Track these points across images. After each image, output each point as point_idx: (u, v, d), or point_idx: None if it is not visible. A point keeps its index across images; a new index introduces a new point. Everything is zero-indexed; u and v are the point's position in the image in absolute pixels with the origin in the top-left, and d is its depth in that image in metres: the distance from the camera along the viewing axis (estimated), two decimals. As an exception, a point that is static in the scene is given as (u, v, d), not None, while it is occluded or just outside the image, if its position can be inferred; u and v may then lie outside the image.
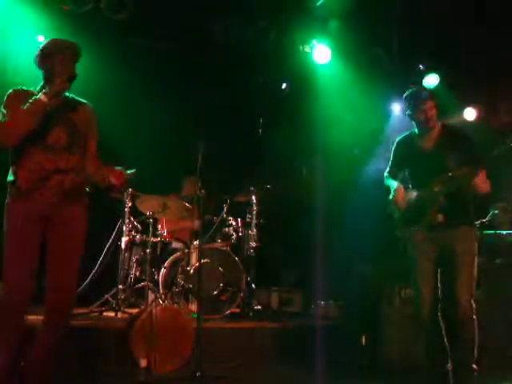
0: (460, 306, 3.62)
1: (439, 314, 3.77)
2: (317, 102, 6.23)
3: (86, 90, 5.96)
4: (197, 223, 5.92)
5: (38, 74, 3.45)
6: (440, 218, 3.76)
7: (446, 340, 3.73)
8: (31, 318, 4.53)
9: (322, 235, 5.65)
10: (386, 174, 4.19)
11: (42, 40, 5.84)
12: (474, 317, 3.65)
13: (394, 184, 4.04)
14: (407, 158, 3.99)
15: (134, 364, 3.97)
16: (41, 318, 3.46)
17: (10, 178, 3.29)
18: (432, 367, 3.75)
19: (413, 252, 3.87)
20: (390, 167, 4.16)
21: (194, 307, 5.19)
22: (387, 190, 4.13)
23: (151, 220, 5.27)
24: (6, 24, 5.51)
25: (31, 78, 5.70)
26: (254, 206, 5.72)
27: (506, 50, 5.70)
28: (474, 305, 3.66)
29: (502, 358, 4.57)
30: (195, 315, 5.06)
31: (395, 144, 4.13)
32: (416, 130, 3.98)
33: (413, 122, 3.97)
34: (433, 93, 4.04)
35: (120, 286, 5.14)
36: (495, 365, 4.41)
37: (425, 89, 4.10)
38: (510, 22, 5.52)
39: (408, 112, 3.95)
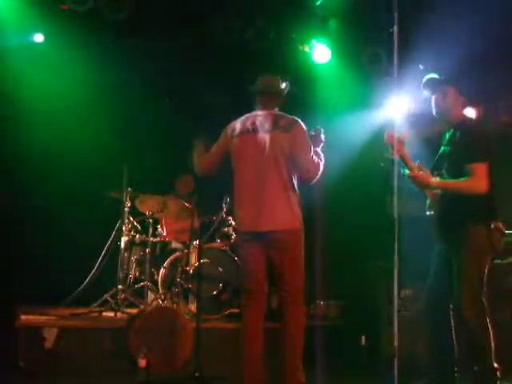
0: (461, 304, 3.55)
1: (451, 312, 3.69)
2: (316, 101, 6.22)
3: (86, 89, 6.02)
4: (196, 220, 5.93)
5: (34, 71, 3.38)
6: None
7: (455, 339, 3.68)
8: (31, 318, 4.54)
9: (321, 235, 5.63)
10: None
11: (40, 39, 5.85)
12: (486, 318, 3.56)
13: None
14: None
15: (134, 364, 3.96)
16: (42, 318, 3.45)
17: None
18: (439, 367, 3.71)
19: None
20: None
21: (193, 307, 5.18)
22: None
23: (150, 220, 5.27)
24: (3, 22, 5.49)
25: (29, 76, 5.75)
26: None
27: (506, 49, 5.69)
28: (484, 304, 3.57)
29: (501, 358, 4.56)
30: (193, 315, 5.06)
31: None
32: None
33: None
34: (440, 82, 3.86)
35: (119, 286, 5.14)
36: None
37: (431, 79, 3.94)
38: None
39: (432, 98, 3.84)
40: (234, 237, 5.46)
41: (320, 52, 6.49)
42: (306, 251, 3.77)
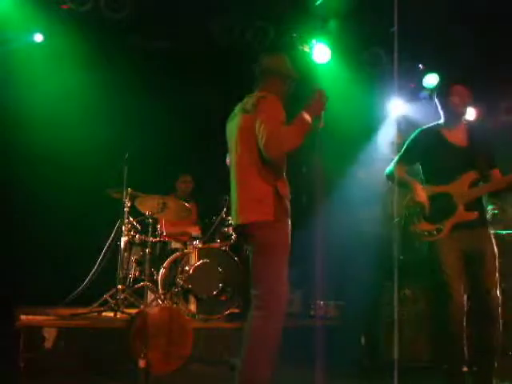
0: (490, 296, 3.60)
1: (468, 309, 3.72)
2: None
3: (86, 89, 6.02)
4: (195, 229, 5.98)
5: (34, 71, 3.34)
6: (473, 215, 3.67)
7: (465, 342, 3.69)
8: (31, 318, 4.55)
9: (321, 235, 5.63)
10: (394, 162, 3.97)
11: (39, 39, 5.85)
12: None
13: (407, 178, 3.88)
14: (432, 151, 3.78)
15: (133, 364, 3.96)
16: (42, 318, 3.45)
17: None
18: (451, 367, 3.69)
19: (437, 248, 3.73)
20: (402, 156, 3.94)
21: (193, 307, 5.18)
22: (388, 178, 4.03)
23: (150, 220, 5.27)
24: (3, 22, 5.49)
25: (29, 76, 5.75)
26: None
27: (506, 50, 5.70)
28: (500, 297, 3.65)
29: (501, 357, 4.56)
30: (192, 315, 5.07)
31: (418, 133, 3.90)
32: (442, 123, 3.83)
33: (441, 113, 3.84)
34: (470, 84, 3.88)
35: (119, 286, 5.13)
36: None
37: (446, 79, 4.07)
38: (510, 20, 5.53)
39: (442, 95, 3.81)
40: (233, 237, 5.47)
41: (320, 52, 6.50)
42: (306, 251, 3.73)
